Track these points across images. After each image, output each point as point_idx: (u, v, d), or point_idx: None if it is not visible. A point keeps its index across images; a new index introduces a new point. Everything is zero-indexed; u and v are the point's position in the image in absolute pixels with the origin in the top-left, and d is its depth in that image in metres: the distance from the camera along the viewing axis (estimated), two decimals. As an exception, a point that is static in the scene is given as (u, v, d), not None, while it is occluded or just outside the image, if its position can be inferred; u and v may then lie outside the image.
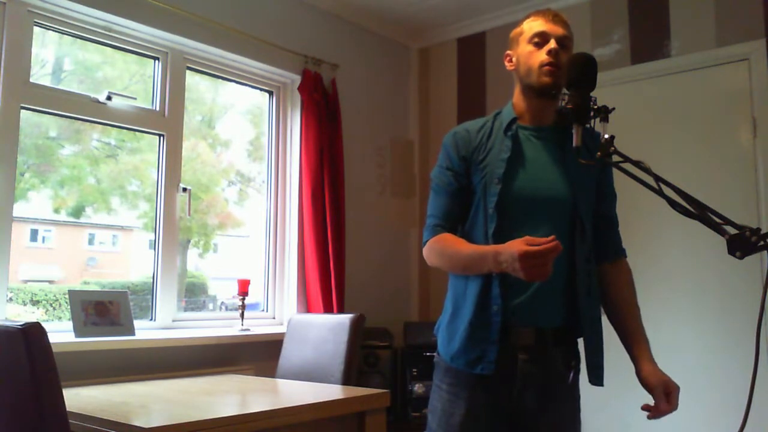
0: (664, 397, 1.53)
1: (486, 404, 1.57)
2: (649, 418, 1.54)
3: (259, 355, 3.08)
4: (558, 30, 1.63)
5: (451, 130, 1.71)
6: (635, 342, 1.62)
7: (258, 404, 2.18)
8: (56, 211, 2.87)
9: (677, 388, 1.54)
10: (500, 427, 1.58)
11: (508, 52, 1.72)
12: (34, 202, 2.78)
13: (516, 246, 1.37)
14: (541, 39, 1.62)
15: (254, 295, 3.35)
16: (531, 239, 1.37)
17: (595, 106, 1.41)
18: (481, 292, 1.56)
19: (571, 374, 1.63)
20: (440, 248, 1.62)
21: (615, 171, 1.37)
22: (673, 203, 1.23)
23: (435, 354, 1.70)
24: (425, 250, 1.67)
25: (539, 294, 1.55)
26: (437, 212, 1.67)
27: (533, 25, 1.65)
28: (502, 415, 1.58)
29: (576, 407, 1.65)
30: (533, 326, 1.57)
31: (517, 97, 1.69)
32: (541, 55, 1.60)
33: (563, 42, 1.62)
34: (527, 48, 1.63)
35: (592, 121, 1.41)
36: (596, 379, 1.61)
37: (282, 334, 2.99)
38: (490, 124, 1.68)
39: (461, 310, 1.61)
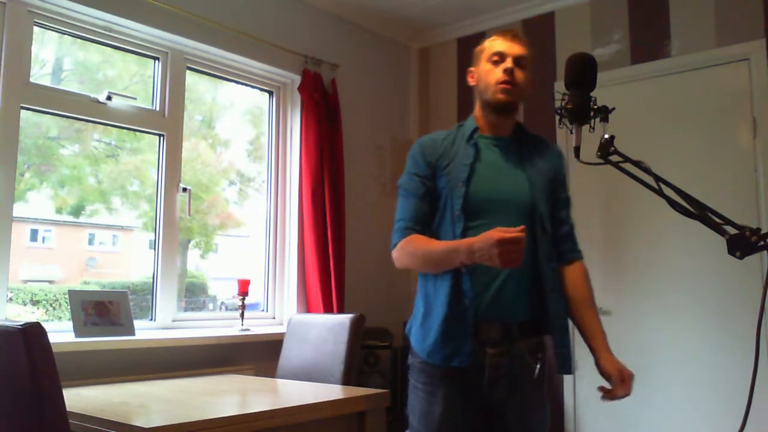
0: (619, 383, 1.63)
1: (461, 398, 1.66)
2: (603, 399, 1.64)
3: (259, 355, 3.08)
4: (515, 49, 1.73)
5: (417, 141, 1.82)
6: (593, 335, 1.71)
7: (258, 404, 2.18)
8: (57, 211, 2.87)
9: (631, 375, 1.64)
10: (475, 417, 1.68)
11: (471, 69, 1.83)
12: (34, 202, 2.78)
13: (492, 234, 1.46)
14: (499, 58, 1.73)
15: (254, 295, 3.35)
16: (504, 229, 1.46)
17: (595, 106, 1.41)
18: (452, 288, 1.65)
19: (538, 366, 1.70)
20: (412, 249, 1.70)
21: (615, 171, 1.37)
22: (673, 203, 1.23)
23: (409, 355, 1.77)
24: (395, 252, 1.75)
25: (504, 290, 1.65)
26: (406, 215, 1.75)
27: (493, 44, 1.76)
28: (476, 406, 1.67)
29: (543, 398, 1.74)
30: (500, 321, 1.65)
31: (478, 111, 1.81)
32: (498, 73, 1.72)
33: (520, 61, 1.73)
34: (486, 66, 1.75)
35: (592, 121, 1.41)
36: (565, 368, 1.70)
37: (282, 334, 2.99)
38: (453, 135, 1.80)
39: (434, 307, 1.69)
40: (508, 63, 1.71)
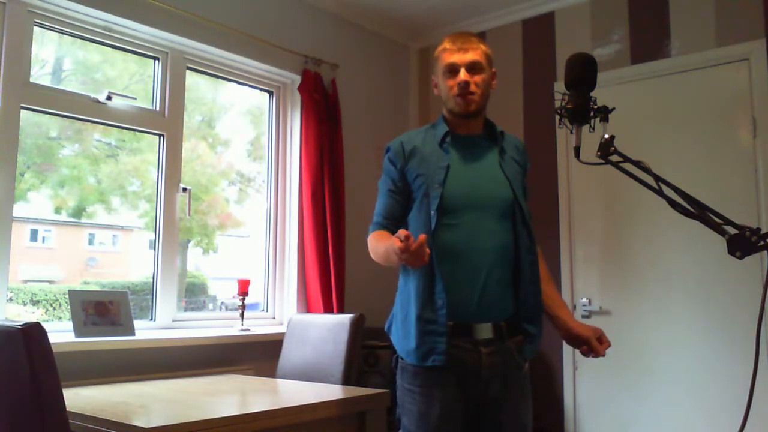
0: (598, 341, 1.78)
1: (458, 399, 1.70)
2: (587, 355, 1.80)
3: (259, 355, 3.08)
4: (466, 57, 1.78)
5: (389, 144, 1.90)
6: (559, 307, 1.87)
7: (258, 404, 2.18)
8: (56, 211, 2.87)
9: (603, 332, 1.82)
10: (470, 416, 1.72)
11: (433, 76, 1.90)
12: (34, 202, 2.78)
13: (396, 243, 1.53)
14: (452, 70, 1.80)
15: (254, 295, 3.35)
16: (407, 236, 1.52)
17: (595, 106, 1.41)
18: (423, 290, 1.70)
19: (527, 364, 1.81)
20: (373, 244, 1.82)
21: (615, 171, 1.37)
22: (673, 203, 1.23)
23: (399, 358, 1.80)
24: (369, 246, 1.84)
25: (489, 288, 1.70)
26: (379, 211, 1.89)
27: (444, 56, 1.82)
28: (472, 405, 1.72)
29: (528, 392, 1.81)
30: (490, 321, 1.71)
31: (447, 115, 1.90)
32: (453, 87, 1.79)
33: (474, 66, 1.78)
34: (442, 79, 1.83)
35: (592, 121, 1.41)
36: (533, 352, 1.79)
37: (282, 334, 2.99)
38: (423, 135, 1.87)
39: (409, 308, 1.75)
40: (461, 75, 1.77)
